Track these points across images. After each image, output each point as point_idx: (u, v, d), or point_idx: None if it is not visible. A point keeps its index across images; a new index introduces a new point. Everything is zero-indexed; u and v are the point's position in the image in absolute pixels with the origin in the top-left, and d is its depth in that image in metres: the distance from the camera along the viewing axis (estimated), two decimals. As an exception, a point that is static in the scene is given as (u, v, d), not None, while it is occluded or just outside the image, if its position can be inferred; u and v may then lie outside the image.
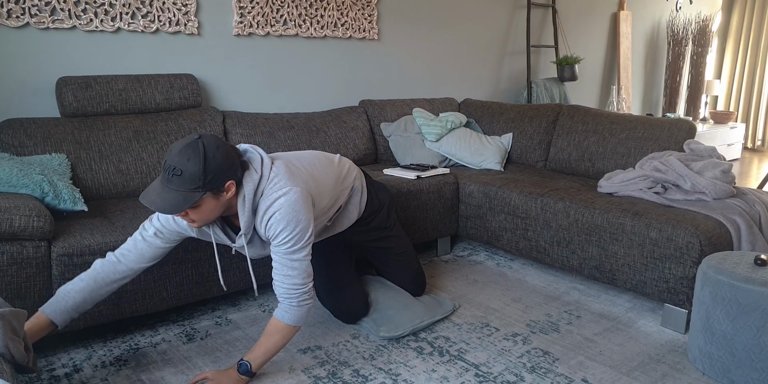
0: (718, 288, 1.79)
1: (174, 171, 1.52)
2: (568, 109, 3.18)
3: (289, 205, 1.64)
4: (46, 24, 2.39)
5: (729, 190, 2.34)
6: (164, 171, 1.54)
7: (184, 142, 1.55)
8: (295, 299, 1.69)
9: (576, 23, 4.78)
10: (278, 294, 1.70)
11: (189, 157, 1.52)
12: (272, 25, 3.02)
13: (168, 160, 1.54)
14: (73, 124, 2.37)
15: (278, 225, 1.64)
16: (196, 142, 1.54)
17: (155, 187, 1.56)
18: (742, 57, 6.37)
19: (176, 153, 1.53)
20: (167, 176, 1.53)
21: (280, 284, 1.69)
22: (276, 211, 1.64)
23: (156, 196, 1.54)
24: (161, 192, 1.54)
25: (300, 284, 1.69)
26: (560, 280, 2.62)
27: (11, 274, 1.73)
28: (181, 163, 1.52)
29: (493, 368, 1.88)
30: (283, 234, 1.64)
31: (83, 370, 1.84)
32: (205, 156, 1.53)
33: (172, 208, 1.53)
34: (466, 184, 2.84)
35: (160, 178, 1.57)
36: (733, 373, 1.78)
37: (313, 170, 1.85)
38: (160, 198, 1.53)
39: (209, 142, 1.56)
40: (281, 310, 1.70)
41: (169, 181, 1.53)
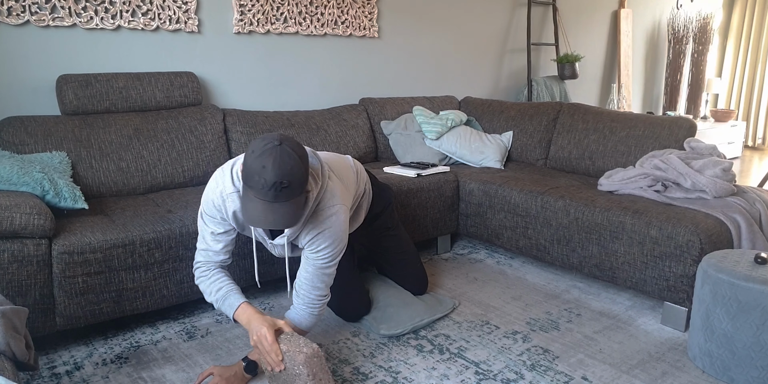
0: (718, 286, 1.79)
1: (282, 185, 1.44)
2: (569, 107, 3.18)
3: (338, 225, 1.68)
4: (47, 22, 2.38)
5: (729, 188, 2.34)
6: (265, 189, 1.43)
7: (273, 153, 1.43)
8: (316, 309, 1.74)
9: (576, 21, 4.78)
10: (302, 302, 1.72)
11: (291, 166, 1.44)
12: (272, 22, 3.01)
13: (267, 177, 1.42)
14: (74, 122, 2.37)
15: (324, 242, 1.66)
16: (283, 148, 1.45)
17: (259, 207, 1.46)
18: (743, 55, 6.37)
19: (274, 167, 1.42)
20: (274, 192, 1.44)
21: (307, 293, 1.71)
22: (327, 229, 1.66)
23: (272, 214, 1.45)
24: (272, 208, 1.45)
25: (324, 296, 1.74)
26: (560, 279, 2.62)
27: (12, 271, 1.74)
28: (285, 175, 1.43)
29: (493, 366, 1.89)
30: (324, 252, 1.68)
31: (84, 367, 1.85)
32: (300, 158, 1.48)
33: (294, 221, 1.48)
34: (467, 183, 2.84)
35: (258, 196, 1.46)
36: (733, 371, 1.78)
37: (347, 182, 1.87)
38: (276, 215, 1.46)
39: (291, 142, 1.49)
40: (299, 317, 1.73)
41: (277, 197, 1.45)
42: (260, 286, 2.01)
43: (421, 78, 3.79)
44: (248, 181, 1.46)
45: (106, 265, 1.88)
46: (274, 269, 2.27)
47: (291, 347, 1.58)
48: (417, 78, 3.76)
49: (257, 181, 1.44)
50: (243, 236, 2.08)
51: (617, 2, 5.07)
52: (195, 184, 2.57)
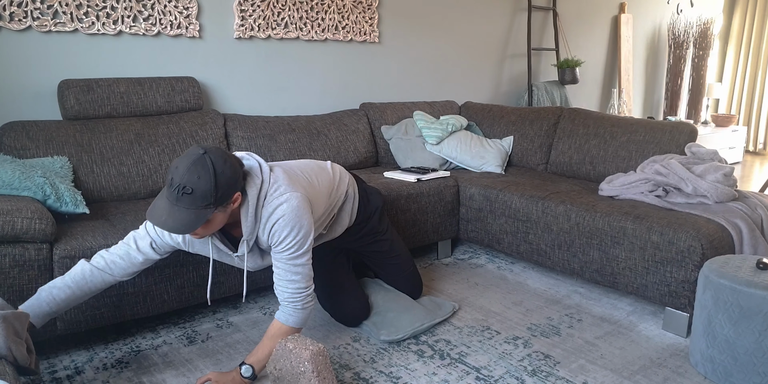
0: (720, 291, 1.78)
1: (184, 190, 1.47)
2: (569, 112, 3.18)
3: (291, 211, 1.65)
4: (49, 27, 2.39)
5: (731, 193, 2.34)
6: (171, 188, 1.49)
7: (191, 158, 1.49)
8: (299, 303, 1.71)
9: (577, 26, 4.79)
10: (282, 298, 1.71)
11: (199, 175, 1.47)
12: (273, 28, 3.02)
13: (175, 177, 1.48)
14: (75, 126, 2.37)
15: (282, 231, 1.64)
16: (204, 158, 1.49)
17: (162, 205, 1.51)
18: (744, 60, 6.38)
19: (184, 171, 1.48)
20: (176, 195, 1.48)
21: (284, 289, 1.69)
22: (279, 218, 1.64)
23: (166, 215, 1.49)
24: (171, 211, 1.49)
25: (303, 288, 1.70)
26: (561, 284, 2.62)
27: (13, 276, 1.74)
28: (191, 182, 1.47)
29: (494, 371, 1.88)
30: (287, 240, 1.65)
31: (85, 372, 1.84)
32: (215, 172, 1.49)
33: (185, 228, 1.49)
34: (467, 187, 2.84)
35: (166, 195, 1.51)
36: (735, 377, 1.78)
37: (309, 177, 1.85)
38: (171, 218, 1.48)
39: (216, 157, 1.51)
40: (284, 314, 1.71)
41: (178, 200, 1.48)
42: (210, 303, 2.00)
43: (421, 83, 3.79)
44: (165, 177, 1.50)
45: (107, 270, 1.88)
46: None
47: (297, 345, 1.59)
48: (417, 83, 3.77)
49: (168, 179, 1.51)
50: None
51: (617, 7, 5.09)
52: (196, 188, 2.57)
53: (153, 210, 1.52)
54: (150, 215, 1.51)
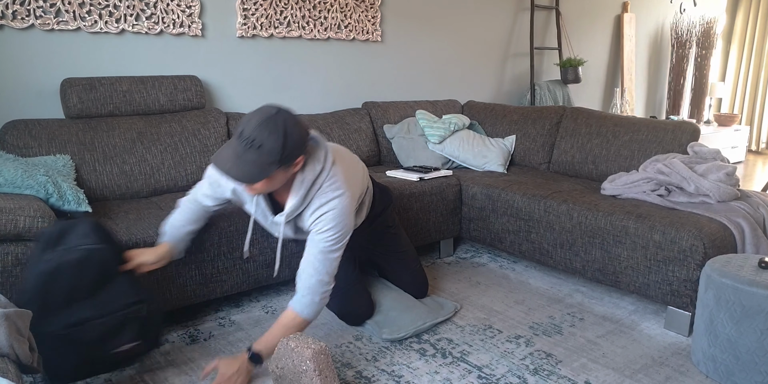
0: (722, 291, 1.78)
1: (253, 143, 1.52)
2: (572, 112, 3.18)
3: (341, 208, 1.72)
4: (51, 26, 2.40)
5: (733, 192, 2.33)
6: (240, 139, 1.54)
7: (264, 114, 1.54)
8: (318, 295, 1.73)
9: (579, 25, 4.78)
10: (303, 287, 1.73)
11: (270, 132, 1.53)
12: (276, 26, 3.02)
13: (246, 130, 1.53)
14: (78, 125, 2.38)
15: (328, 223, 1.70)
16: (277, 117, 1.55)
17: (229, 154, 1.55)
18: (747, 59, 6.36)
19: (256, 125, 1.53)
20: (244, 147, 1.53)
21: (309, 277, 1.72)
22: (330, 210, 1.70)
23: (232, 164, 1.54)
24: (236, 161, 1.54)
25: (327, 282, 1.75)
26: (563, 283, 2.62)
27: (16, 274, 1.74)
28: (261, 137, 1.52)
29: (496, 370, 1.88)
30: (329, 233, 1.71)
31: (86, 370, 1.85)
32: (285, 132, 1.54)
33: (247, 179, 1.55)
34: (469, 186, 2.84)
35: (234, 146, 1.56)
36: (736, 376, 1.77)
37: (355, 175, 1.90)
38: (236, 167, 1.54)
39: (288, 118, 1.57)
40: (301, 304, 1.73)
41: (245, 152, 1.53)
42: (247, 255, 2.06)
43: (424, 82, 3.79)
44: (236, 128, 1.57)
45: (109, 268, 1.88)
46: (277, 272, 2.27)
47: (299, 343, 1.59)
48: (420, 82, 3.77)
49: (239, 131, 1.55)
50: (239, 238, 2.08)
51: (620, 6, 5.08)
52: (198, 187, 2.57)
53: (219, 157, 1.57)
54: (216, 161, 1.56)
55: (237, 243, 2.15)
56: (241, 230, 2.14)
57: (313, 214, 1.72)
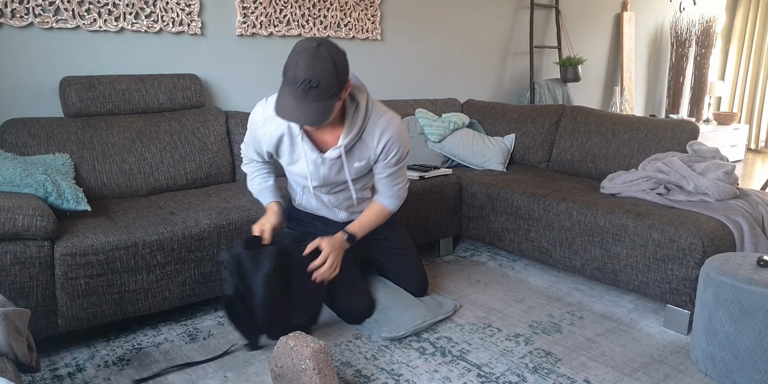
0: (721, 289, 1.78)
1: (310, 84, 1.54)
2: (571, 110, 3.18)
3: (402, 130, 1.87)
4: (50, 24, 2.39)
5: (732, 191, 2.33)
6: (296, 85, 1.55)
7: (308, 53, 1.54)
8: (400, 195, 2.00)
9: (579, 24, 4.78)
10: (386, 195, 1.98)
11: (321, 68, 1.54)
12: (275, 25, 3.02)
13: (298, 74, 1.54)
14: (77, 124, 2.38)
15: (396, 145, 1.85)
16: (320, 50, 1.55)
17: (290, 102, 1.58)
18: (746, 58, 6.36)
19: (306, 66, 1.54)
20: (303, 90, 1.55)
21: (389, 188, 1.96)
22: (394, 133, 1.84)
23: (297, 111, 1.58)
24: (300, 106, 1.57)
25: (404, 183, 2.00)
26: (563, 281, 2.62)
27: (14, 273, 1.74)
28: (315, 75, 1.54)
29: (496, 369, 1.88)
30: (399, 154, 1.88)
31: (86, 369, 1.85)
32: (334, 62, 1.56)
33: (318, 120, 1.59)
34: (469, 185, 2.84)
35: (290, 93, 1.58)
36: (735, 375, 1.78)
37: None
38: (302, 112, 1.57)
39: (330, 47, 1.58)
40: (388, 201, 1.99)
41: (305, 95, 1.56)
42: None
43: (423, 80, 3.79)
44: (284, 76, 1.59)
45: (109, 267, 1.88)
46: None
47: (298, 342, 1.59)
48: (419, 80, 3.76)
49: (290, 77, 1.56)
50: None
51: (620, 5, 5.07)
52: (197, 186, 2.57)
53: (281, 107, 1.60)
54: (280, 112, 1.60)
55: (236, 242, 2.14)
56: (241, 229, 2.14)
57: (380, 140, 1.84)
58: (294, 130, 1.83)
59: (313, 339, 1.62)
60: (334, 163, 1.86)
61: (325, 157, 1.83)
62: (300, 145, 1.84)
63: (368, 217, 1.99)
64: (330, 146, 1.85)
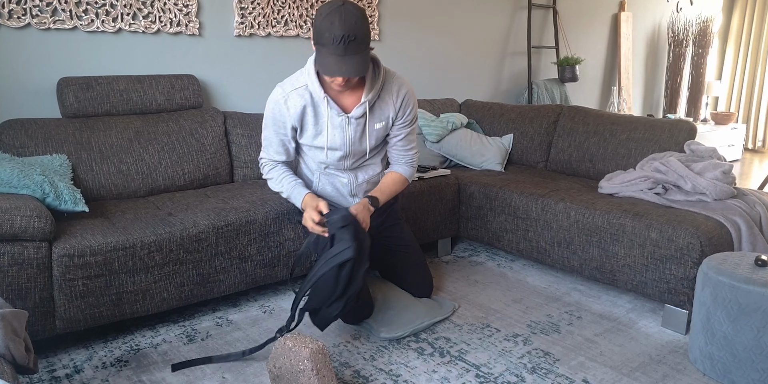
0: (719, 289, 1.79)
1: (350, 38, 1.66)
2: (569, 110, 3.18)
3: (412, 88, 2.02)
4: (48, 24, 2.39)
5: (729, 190, 2.34)
6: (336, 43, 1.66)
7: (339, 11, 1.66)
8: (414, 162, 2.11)
9: (577, 24, 4.78)
10: (400, 163, 2.09)
11: (355, 21, 1.67)
12: (273, 25, 3.02)
13: (336, 32, 1.65)
14: (74, 124, 2.37)
15: (410, 102, 2.00)
16: (347, 6, 1.67)
17: (334, 60, 1.69)
18: (743, 58, 6.37)
19: (341, 23, 1.65)
20: (344, 46, 1.67)
21: (403, 155, 2.08)
22: (408, 91, 1.99)
23: (343, 65, 1.69)
24: (344, 61, 1.69)
25: (416, 151, 2.11)
26: (561, 281, 2.62)
27: (12, 274, 1.74)
28: (351, 29, 1.66)
29: (494, 369, 1.88)
30: (413, 111, 2.02)
31: (84, 370, 1.84)
32: (362, 15, 1.70)
33: (362, 70, 1.72)
34: (467, 185, 2.84)
35: (332, 52, 1.69)
36: (733, 374, 1.78)
37: None
38: (347, 65, 1.69)
39: (352, 3, 1.70)
40: (404, 170, 2.09)
41: (347, 50, 1.68)
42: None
43: (421, 81, 3.79)
44: (320, 39, 1.70)
45: (107, 268, 1.88)
46: (275, 272, 2.27)
47: (296, 343, 1.59)
48: (417, 81, 3.76)
49: (328, 38, 1.67)
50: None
51: (617, 5, 5.08)
52: (195, 186, 2.57)
53: (325, 67, 1.71)
54: (327, 71, 1.72)
55: (234, 243, 2.15)
56: (239, 230, 2.14)
57: (398, 96, 1.97)
58: (316, 99, 1.91)
59: (312, 339, 1.62)
60: (358, 123, 1.96)
61: (350, 117, 1.93)
62: (324, 113, 1.92)
63: (386, 184, 2.06)
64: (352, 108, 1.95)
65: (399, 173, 2.09)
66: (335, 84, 1.80)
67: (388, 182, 2.07)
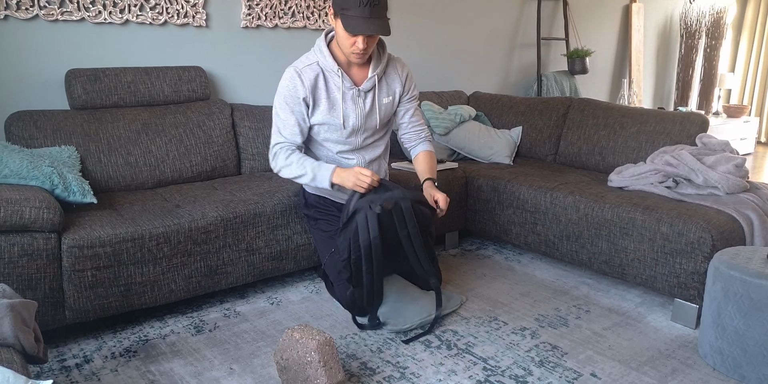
0: (730, 283, 1.77)
1: (373, 2, 1.82)
2: (579, 103, 3.15)
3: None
4: (55, 16, 2.39)
5: (742, 184, 2.31)
6: (363, 5, 1.81)
7: None
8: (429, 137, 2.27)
9: (587, 15, 4.73)
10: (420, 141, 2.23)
11: None
12: (280, 17, 3.00)
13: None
14: (83, 116, 2.38)
15: (412, 78, 2.18)
16: None
17: (362, 22, 1.83)
18: (757, 50, 6.28)
19: None
20: (369, 8, 1.82)
21: (418, 131, 2.23)
22: (409, 69, 2.18)
23: (371, 25, 1.83)
24: (370, 22, 1.83)
25: (426, 127, 2.27)
26: (569, 275, 2.61)
27: (22, 265, 1.75)
28: None
29: (501, 362, 1.88)
30: (416, 88, 2.20)
31: (93, 360, 1.86)
32: None
33: (388, 30, 1.87)
34: (475, 178, 2.83)
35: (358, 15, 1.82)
36: (744, 369, 1.76)
37: None
38: (374, 25, 1.84)
39: None
40: (424, 145, 2.23)
41: (372, 13, 1.83)
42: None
43: (429, 73, 3.76)
44: (345, 4, 1.83)
45: (115, 259, 1.89)
46: (282, 265, 2.27)
47: (303, 335, 1.60)
48: (425, 73, 3.74)
49: (354, 2, 1.81)
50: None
51: (629, -4, 5.02)
52: (203, 178, 2.57)
53: (357, 28, 1.83)
54: (356, 30, 1.83)
55: (242, 235, 2.15)
56: (247, 222, 2.14)
57: (402, 72, 2.14)
58: (327, 74, 2.01)
59: (319, 331, 1.63)
60: (368, 97, 2.07)
61: (361, 90, 2.04)
62: (336, 86, 2.02)
63: (426, 163, 2.18)
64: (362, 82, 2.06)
65: (427, 150, 2.21)
66: (356, 48, 1.90)
67: (426, 161, 2.19)
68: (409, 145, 2.27)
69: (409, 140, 2.25)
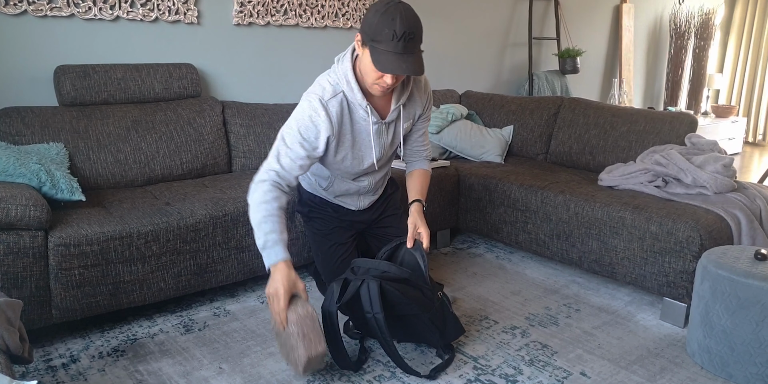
0: (718, 282, 1.78)
1: (410, 36, 1.60)
2: (570, 102, 3.16)
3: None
4: (44, 12, 2.36)
5: (730, 184, 2.33)
6: (397, 40, 1.58)
7: (397, 8, 1.60)
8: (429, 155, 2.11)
9: (578, 15, 4.75)
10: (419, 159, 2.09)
11: (414, 20, 1.62)
12: (272, 14, 2.99)
13: (397, 29, 1.58)
14: (71, 113, 2.35)
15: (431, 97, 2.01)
16: (403, 4, 1.62)
17: (394, 58, 1.61)
18: (745, 50, 6.34)
19: (402, 20, 1.58)
20: (403, 43, 1.59)
21: (421, 151, 2.08)
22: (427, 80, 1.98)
23: (404, 63, 1.61)
24: (402, 59, 1.61)
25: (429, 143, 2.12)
26: (560, 274, 2.62)
27: (7, 263, 1.73)
28: (411, 27, 1.60)
29: (492, 361, 1.88)
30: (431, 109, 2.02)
31: (80, 360, 1.84)
32: (414, 12, 1.64)
33: (421, 69, 1.65)
34: (467, 177, 2.83)
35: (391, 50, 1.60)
36: (731, 368, 1.78)
37: None
38: (407, 64, 1.62)
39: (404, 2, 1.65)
40: (422, 164, 2.09)
41: (405, 48, 1.60)
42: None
43: (421, 71, 3.76)
44: (377, 36, 1.61)
45: (103, 258, 1.87)
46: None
47: (289, 307, 1.63)
48: (417, 71, 3.73)
49: (387, 34, 1.59)
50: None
51: (619, -4, 5.04)
52: (193, 176, 2.55)
53: (387, 66, 1.62)
54: (388, 69, 1.62)
55: (232, 233, 2.14)
56: (237, 220, 2.13)
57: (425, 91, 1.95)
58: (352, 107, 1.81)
59: (303, 303, 1.65)
60: (390, 127, 1.92)
61: (386, 123, 1.88)
62: (361, 120, 1.83)
63: (420, 183, 2.05)
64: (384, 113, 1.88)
65: (424, 169, 2.10)
66: (383, 83, 1.69)
67: (420, 180, 2.05)
68: (408, 159, 2.11)
69: (410, 154, 2.10)
